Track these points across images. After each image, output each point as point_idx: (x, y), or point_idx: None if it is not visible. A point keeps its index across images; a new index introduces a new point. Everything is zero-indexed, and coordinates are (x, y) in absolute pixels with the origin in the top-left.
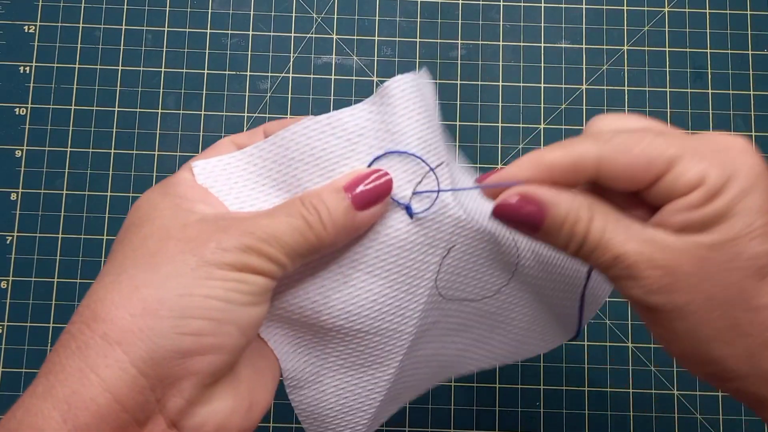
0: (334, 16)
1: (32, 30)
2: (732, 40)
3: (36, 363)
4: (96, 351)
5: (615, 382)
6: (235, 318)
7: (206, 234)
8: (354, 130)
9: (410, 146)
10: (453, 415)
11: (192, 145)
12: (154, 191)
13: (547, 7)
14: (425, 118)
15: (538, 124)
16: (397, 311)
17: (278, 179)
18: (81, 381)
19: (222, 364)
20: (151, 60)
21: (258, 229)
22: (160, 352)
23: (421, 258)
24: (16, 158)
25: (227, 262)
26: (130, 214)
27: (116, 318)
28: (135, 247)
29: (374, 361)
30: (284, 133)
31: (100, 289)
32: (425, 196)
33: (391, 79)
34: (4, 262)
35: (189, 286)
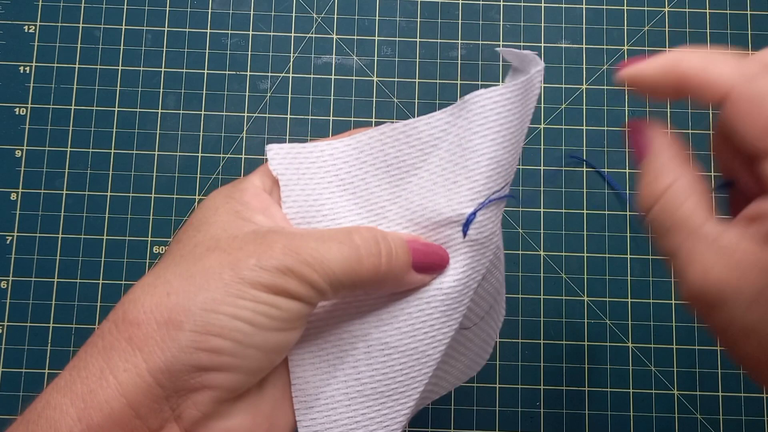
0: (334, 16)
1: (32, 30)
2: (732, 40)
3: (36, 363)
4: (119, 353)
5: (615, 382)
6: (260, 342)
7: (250, 248)
8: (428, 140)
9: (480, 164)
10: (453, 415)
11: (192, 145)
12: (221, 193)
13: (547, 7)
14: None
15: (538, 124)
16: (430, 331)
17: (345, 180)
18: (99, 381)
19: (240, 383)
20: (151, 60)
21: (305, 251)
22: (177, 365)
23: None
24: (16, 158)
25: (263, 282)
26: (196, 211)
27: (142, 323)
28: (184, 253)
29: (396, 389)
30: (360, 136)
31: (138, 288)
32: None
33: (474, 93)
34: (4, 262)
35: (217, 302)
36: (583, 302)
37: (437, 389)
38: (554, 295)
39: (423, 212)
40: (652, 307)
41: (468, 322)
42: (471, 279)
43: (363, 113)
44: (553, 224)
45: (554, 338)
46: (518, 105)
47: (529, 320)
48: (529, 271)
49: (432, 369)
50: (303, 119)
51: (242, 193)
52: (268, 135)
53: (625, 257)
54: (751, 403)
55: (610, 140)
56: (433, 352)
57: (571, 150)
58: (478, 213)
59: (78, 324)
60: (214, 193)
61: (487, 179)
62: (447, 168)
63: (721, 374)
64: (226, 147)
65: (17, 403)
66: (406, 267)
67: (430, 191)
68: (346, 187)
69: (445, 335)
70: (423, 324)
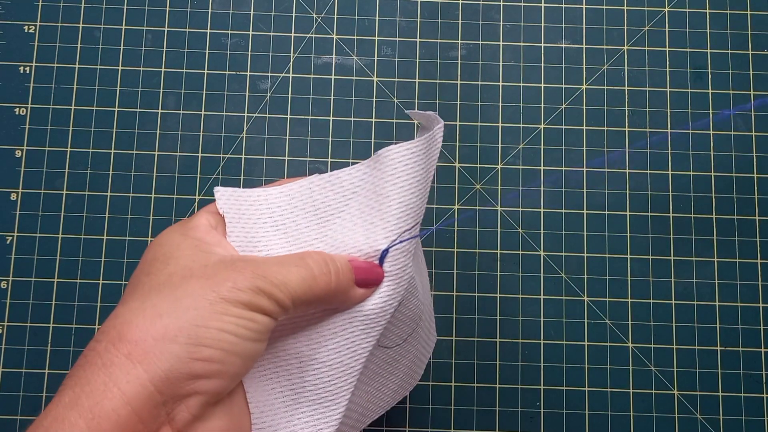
0: (334, 16)
1: (32, 30)
2: (732, 40)
3: (36, 363)
4: (120, 368)
5: (615, 382)
6: (240, 350)
7: (224, 274)
8: (349, 188)
9: (392, 207)
10: (453, 415)
11: (192, 145)
12: (175, 231)
13: (547, 7)
14: (409, 184)
15: (538, 124)
16: (352, 346)
17: (279, 221)
18: (105, 394)
19: (224, 388)
20: (151, 60)
21: (271, 275)
22: (175, 373)
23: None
24: (16, 158)
25: (241, 300)
26: (151, 248)
27: (140, 340)
28: (161, 282)
29: (327, 398)
30: (292, 185)
31: (127, 312)
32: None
33: (386, 148)
34: (4, 262)
35: (206, 319)
36: (583, 302)
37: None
38: (554, 295)
39: (345, 248)
40: (652, 307)
41: (390, 342)
42: (388, 304)
43: (363, 113)
44: (553, 224)
45: (554, 338)
46: (422, 157)
47: (529, 320)
48: (529, 271)
49: (356, 379)
50: (303, 119)
51: (195, 231)
52: (268, 135)
53: (625, 257)
54: (751, 403)
55: (610, 140)
56: (356, 364)
57: (570, 150)
58: (390, 249)
59: (78, 324)
60: (167, 233)
61: (398, 220)
62: (365, 211)
63: (721, 374)
64: (226, 147)
65: (17, 403)
66: (351, 283)
67: (351, 230)
68: (279, 227)
69: (365, 350)
70: (346, 341)
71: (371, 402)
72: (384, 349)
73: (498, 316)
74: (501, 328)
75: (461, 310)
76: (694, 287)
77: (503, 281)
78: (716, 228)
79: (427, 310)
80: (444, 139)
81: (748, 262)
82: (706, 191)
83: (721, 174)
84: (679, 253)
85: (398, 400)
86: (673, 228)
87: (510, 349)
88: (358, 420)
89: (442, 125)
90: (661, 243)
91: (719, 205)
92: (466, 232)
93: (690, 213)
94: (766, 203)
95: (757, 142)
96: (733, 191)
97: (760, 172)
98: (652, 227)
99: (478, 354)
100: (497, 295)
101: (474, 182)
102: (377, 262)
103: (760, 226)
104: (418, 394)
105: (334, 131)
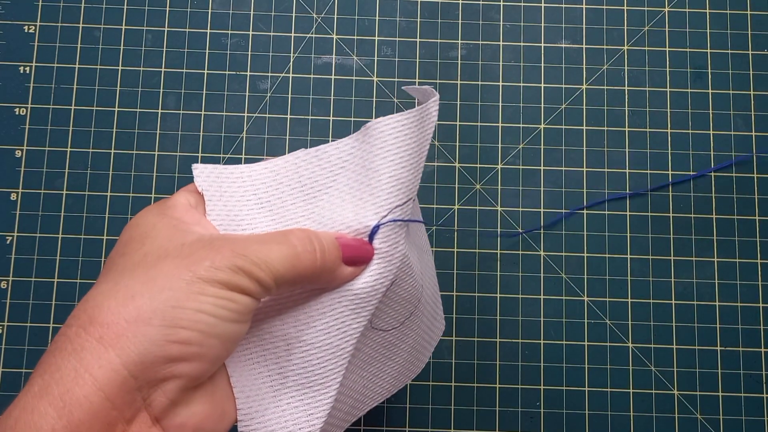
0: (334, 16)
1: (32, 30)
2: (732, 40)
3: (36, 363)
4: (91, 353)
5: (615, 382)
6: (220, 332)
7: (201, 252)
8: (337, 163)
9: (381, 182)
10: (453, 415)
11: (192, 145)
12: (152, 211)
13: (547, 7)
14: (400, 158)
15: (538, 124)
16: (342, 326)
17: (263, 198)
18: (76, 380)
19: (203, 371)
20: (151, 60)
21: (251, 253)
22: (150, 357)
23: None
24: (16, 158)
25: (218, 279)
26: (128, 229)
27: (112, 323)
28: (135, 262)
29: (316, 381)
30: (277, 161)
31: (98, 295)
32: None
33: (374, 120)
34: (4, 262)
35: (181, 299)
36: (583, 302)
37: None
38: (554, 295)
39: (333, 225)
40: (652, 307)
41: (386, 324)
42: (378, 283)
43: (363, 113)
44: (553, 224)
45: (554, 338)
46: (414, 130)
47: (529, 320)
48: (529, 271)
49: (346, 361)
50: (303, 119)
51: (173, 210)
52: (268, 135)
53: (625, 257)
54: (751, 403)
55: (610, 140)
56: (346, 345)
57: (570, 150)
58: (381, 225)
59: None
60: (142, 213)
61: (389, 195)
62: (354, 186)
63: (721, 374)
64: (226, 147)
65: None
66: (338, 261)
67: (340, 207)
68: (264, 205)
69: (356, 330)
70: (336, 321)
71: (368, 388)
72: (379, 332)
73: (498, 316)
74: (501, 328)
75: (461, 310)
76: (694, 287)
77: (503, 281)
78: (716, 228)
79: (429, 293)
80: (444, 139)
81: (748, 262)
82: (706, 191)
83: (721, 174)
84: (679, 253)
85: (400, 387)
86: (673, 228)
87: (510, 349)
88: (353, 406)
89: (437, 98)
90: (661, 243)
91: (719, 205)
92: (467, 232)
93: (690, 213)
94: (766, 203)
95: (757, 142)
96: (733, 191)
97: (760, 172)
98: (652, 227)
99: (478, 354)
100: (497, 295)
101: (474, 182)
102: (367, 239)
103: (760, 226)
104: (418, 394)
105: (334, 131)
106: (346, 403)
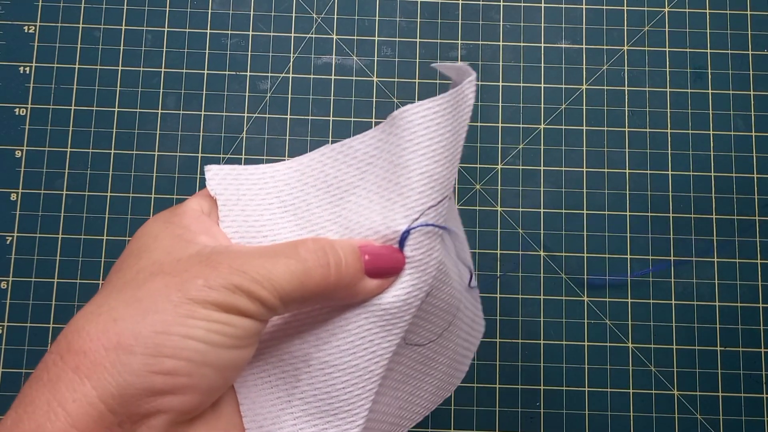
0: (334, 16)
1: (32, 30)
2: (732, 40)
3: (36, 363)
4: (66, 384)
5: (615, 382)
6: (214, 360)
7: (196, 269)
8: (363, 158)
9: (412, 180)
10: (453, 415)
11: (192, 146)
12: (158, 220)
13: (547, 7)
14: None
15: (538, 124)
16: (370, 346)
17: (287, 201)
18: (47, 415)
19: (195, 404)
20: (151, 60)
21: (251, 269)
22: (130, 390)
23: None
24: (16, 158)
25: (212, 301)
26: (131, 242)
27: (89, 351)
28: (126, 280)
29: (341, 408)
30: (302, 159)
31: (80, 319)
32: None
33: (401, 108)
34: (4, 262)
35: (168, 323)
36: (583, 302)
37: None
38: (554, 295)
39: (361, 230)
40: (652, 307)
41: (421, 339)
42: (411, 296)
43: (363, 113)
44: (553, 224)
45: (554, 338)
46: (448, 117)
47: (529, 320)
48: (529, 271)
49: (376, 384)
50: (303, 119)
51: (181, 218)
52: (268, 135)
53: (625, 257)
54: (751, 403)
55: (610, 140)
56: (375, 367)
57: (570, 150)
58: (412, 230)
59: None
60: (150, 221)
61: (420, 195)
62: (381, 185)
63: (721, 374)
64: (226, 147)
65: None
66: (359, 274)
67: (367, 209)
68: (288, 208)
69: (386, 350)
70: (362, 340)
71: (404, 409)
72: (414, 348)
73: (498, 316)
74: (501, 328)
75: None
76: (694, 287)
77: (503, 281)
78: (716, 228)
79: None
80: None
81: (748, 262)
82: (706, 191)
83: (721, 174)
84: (679, 253)
85: (440, 401)
86: (673, 228)
87: (510, 349)
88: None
89: (473, 78)
90: (661, 243)
91: (719, 205)
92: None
93: (690, 213)
94: (766, 203)
95: (757, 142)
96: (733, 191)
97: (760, 172)
98: (652, 227)
99: (478, 354)
100: (497, 295)
101: (474, 182)
102: (397, 247)
103: (760, 226)
104: None
105: (334, 131)
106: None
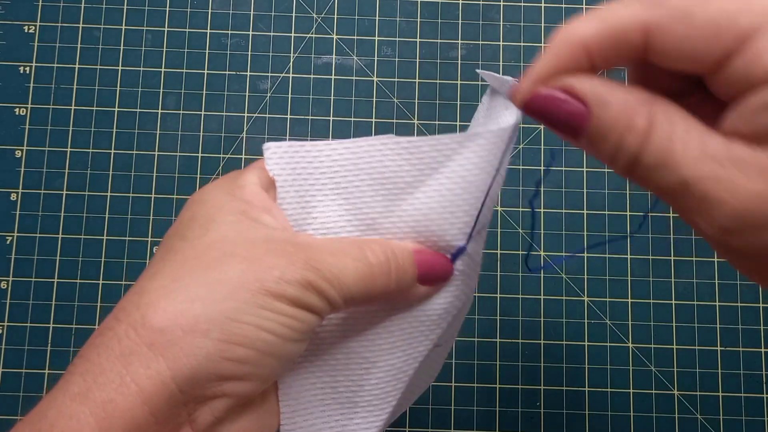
0: (334, 16)
1: (32, 30)
2: None
3: (36, 363)
4: (140, 360)
5: (615, 382)
6: (279, 351)
7: (271, 259)
8: (429, 162)
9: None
10: (453, 415)
11: (192, 145)
12: (220, 188)
13: (547, 7)
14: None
15: (538, 124)
16: (408, 349)
17: (341, 184)
18: (120, 389)
19: (254, 391)
20: (151, 60)
21: (324, 267)
22: (202, 372)
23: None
24: (16, 158)
25: (287, 296)
26: (191, 205)
27: (166, 330)
28: (197, 254)
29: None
30: (360, 142)
31: (152, 291)
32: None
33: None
34: (4, 262)
35: (243, 312)
36: (583, 302)
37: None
38: (554, 295)
39: (414, 234)
40: (652, 307)
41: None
42: (452, 306)
43: (363, 113)
44: (553, 224)
45: (554, 338)
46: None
47: (529, 320)
48: (529, 271)
49: (405, 384)
50: (303, 119)
51: (243, 191)
52: (268, 135)
53: (625, 257)
54: (751, 403)
55: None
56: (408, 368)
57: (570, 150)
58: (468, 246)
59: (78, 324)
60: (210, 188)
61: (483, 216)
62: (445, 196)
63: (721, 374)
64: (226, 147)
65: (17, 403)
66: (413, 281)
67: (425, 215)
68: (340, 192)
69: (420, 354)
70: (403, 342)
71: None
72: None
73: (498, 316)
74: (501, 328)
75: None
76: (694, 287)
77: (503, 281)
78: None
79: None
80: None
81: None
82: None
83: None
84: (679, 253)
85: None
86: (673, 228)
87: (510, 349)
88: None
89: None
90: (661, 243)
91: None
92: None
93: None
94: None
95: None
96: None
97: None
98: (652, 227)
99: (478, 354)
100: (497, 295)
101: None
102: (449, 257)
103: None
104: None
105: (334, 131)
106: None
